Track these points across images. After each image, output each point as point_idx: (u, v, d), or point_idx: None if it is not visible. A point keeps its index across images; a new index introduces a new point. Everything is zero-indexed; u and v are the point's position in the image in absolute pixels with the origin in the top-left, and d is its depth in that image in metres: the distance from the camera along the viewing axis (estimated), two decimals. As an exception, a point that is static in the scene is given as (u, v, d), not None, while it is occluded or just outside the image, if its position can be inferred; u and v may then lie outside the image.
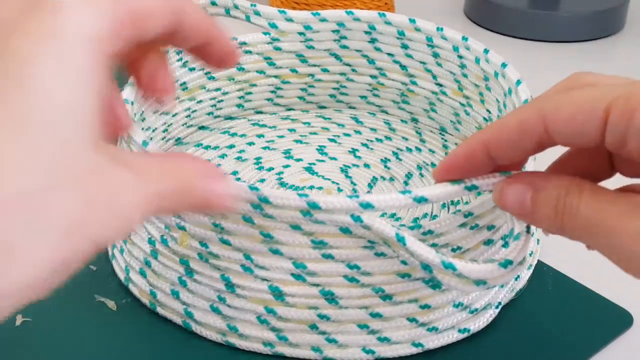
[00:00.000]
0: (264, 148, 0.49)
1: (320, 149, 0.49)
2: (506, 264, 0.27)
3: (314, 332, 0.33)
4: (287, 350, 0.34)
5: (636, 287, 0.37)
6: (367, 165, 0.47)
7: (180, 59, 0.47)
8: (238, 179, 0.45)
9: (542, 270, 0.38)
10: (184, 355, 0.34)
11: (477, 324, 0.35)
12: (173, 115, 0.47)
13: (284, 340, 0.33)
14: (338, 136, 0.50)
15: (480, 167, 0.28)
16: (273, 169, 0.47)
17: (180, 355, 0.34)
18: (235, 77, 0.49)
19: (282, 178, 0.46)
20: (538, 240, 0.40)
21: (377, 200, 0.29)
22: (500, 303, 0.35)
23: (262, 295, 0.33)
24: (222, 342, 0.34)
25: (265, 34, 0.49)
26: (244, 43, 0.49)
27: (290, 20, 0.47)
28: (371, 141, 0.50)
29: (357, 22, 0.47)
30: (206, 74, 0.48)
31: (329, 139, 0.50)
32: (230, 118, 0.51)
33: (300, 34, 0.48)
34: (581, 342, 0.34)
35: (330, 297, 0.32)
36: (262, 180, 0.46)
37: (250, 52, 0.49)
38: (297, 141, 0.50)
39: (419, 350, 0.34)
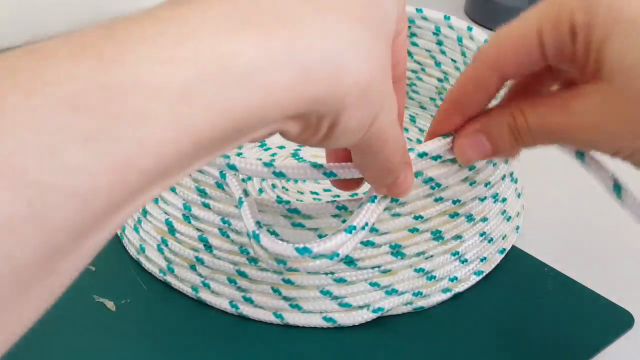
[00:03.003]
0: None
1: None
2: (303, 251, 0.27)
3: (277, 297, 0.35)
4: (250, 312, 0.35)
5: (637, 288, 0.37)
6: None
7: None
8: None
9: (542, 271, 0.38)
10: (183, 355, 0.34)
11: (434, 288, 0.36)
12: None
13: (249, 301, 0.35)
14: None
15: (455, 125, 0.30)
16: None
17: (180, 355, 0.34)
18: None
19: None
20: (518, 227, 0.41)
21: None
22: (456, 277, 0.37)
23: (233, 257, 0.35)
24: (195, 298, 0.37)
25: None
26: None
27: None
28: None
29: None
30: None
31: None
32: None
33: None
34: (582, 343, 0.34)
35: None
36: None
37: None
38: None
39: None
